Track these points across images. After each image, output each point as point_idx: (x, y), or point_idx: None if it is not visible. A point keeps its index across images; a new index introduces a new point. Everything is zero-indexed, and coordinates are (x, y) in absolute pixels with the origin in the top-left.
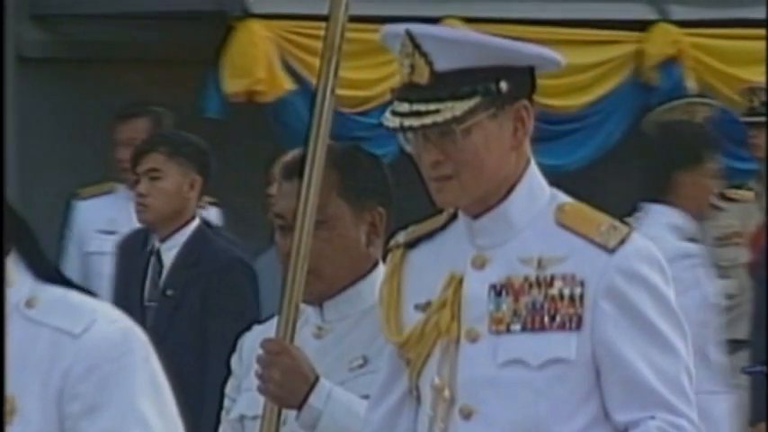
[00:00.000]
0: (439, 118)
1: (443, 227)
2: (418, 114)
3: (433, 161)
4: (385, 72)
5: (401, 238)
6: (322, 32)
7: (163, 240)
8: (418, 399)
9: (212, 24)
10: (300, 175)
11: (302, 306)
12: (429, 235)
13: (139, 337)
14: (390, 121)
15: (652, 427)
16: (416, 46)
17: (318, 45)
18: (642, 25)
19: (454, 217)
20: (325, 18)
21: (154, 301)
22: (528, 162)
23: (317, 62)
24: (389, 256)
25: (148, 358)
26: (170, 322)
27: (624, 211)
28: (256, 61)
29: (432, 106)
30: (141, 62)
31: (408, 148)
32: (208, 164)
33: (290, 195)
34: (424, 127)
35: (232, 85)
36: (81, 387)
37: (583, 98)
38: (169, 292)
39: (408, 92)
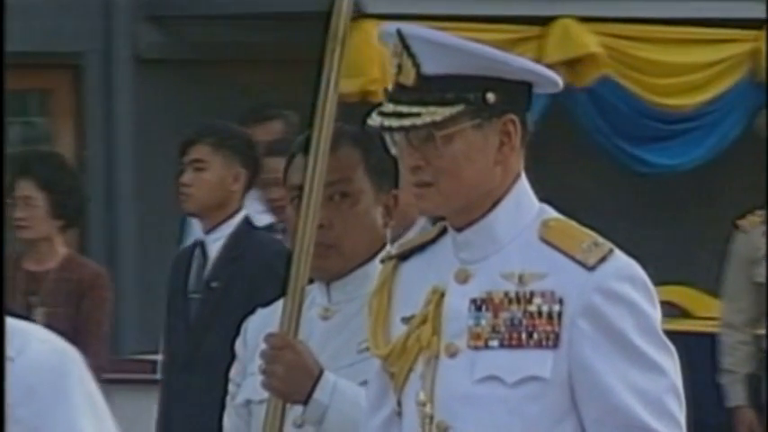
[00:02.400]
0: (418, 121)
1: (435, 239)
2: (399, 116)
3: (413, 166)
4: None
5: (394, 250)
6: None
7: (207, 232)
8: (400, 414)
9: (327, 24)
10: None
11: (308, 287)
12: (421, 247)
13: (73, 356)
14: (373, 119)
15: None
16: (406, 47)
17: None
18: (759, 24)
19: (446, 230)
20: (440, 18)
21: (198, 293)
22: (517, 176)
23: None
24: (381, 268)
25: (83, 377)
26: (214, 314)
27: (739, 211)
28: (371, 61)
29: (414, 109)
30: (257, 62)
31: (393, 151)
32: (254, 157)
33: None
34: (402, 128)
35: (346, 85)
36: (20, 411)
37: (698, 97)
38: (214, 284)
39: (396, 93)
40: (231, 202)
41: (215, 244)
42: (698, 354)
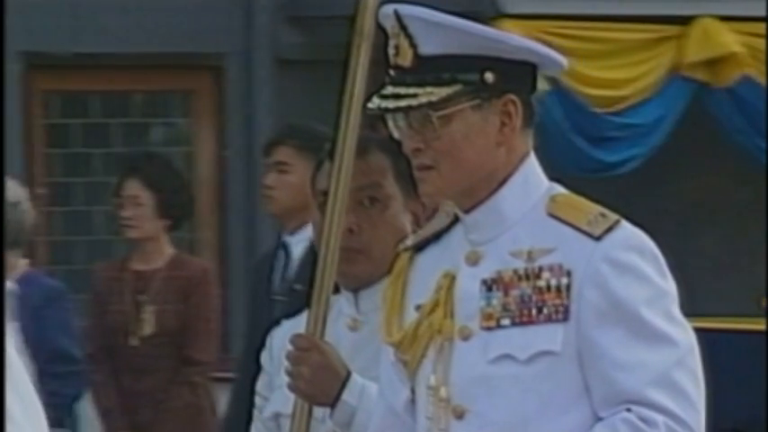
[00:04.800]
0: (414, 102)
1: (448, 228)
2: (397, 97)
3: (414, 148)
4: (637, 72)
5: (409, 241)
6: (575, 32)
7: (291, 233)
8: (413, 401)
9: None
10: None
11: (333, 297)
12: (436, 237)
13: None
14: (372, 102)
15: (617, 419)
16: (403, 27)
17: (572, 45)
18: None
19: (459, 218)
20: (579, 17)
21: (282, 296)
22: (525, 156)
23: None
24: (397, 260)
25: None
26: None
27: None
28: None
29: (411, 90)
30: None
31: (396, 135)
32: None
33: None
34: (398, 110)
35: None
36: None
37: None
38: (297, 287)
39: (394, 75)
40: (314, 204)
41: (298, 246)
42: None
